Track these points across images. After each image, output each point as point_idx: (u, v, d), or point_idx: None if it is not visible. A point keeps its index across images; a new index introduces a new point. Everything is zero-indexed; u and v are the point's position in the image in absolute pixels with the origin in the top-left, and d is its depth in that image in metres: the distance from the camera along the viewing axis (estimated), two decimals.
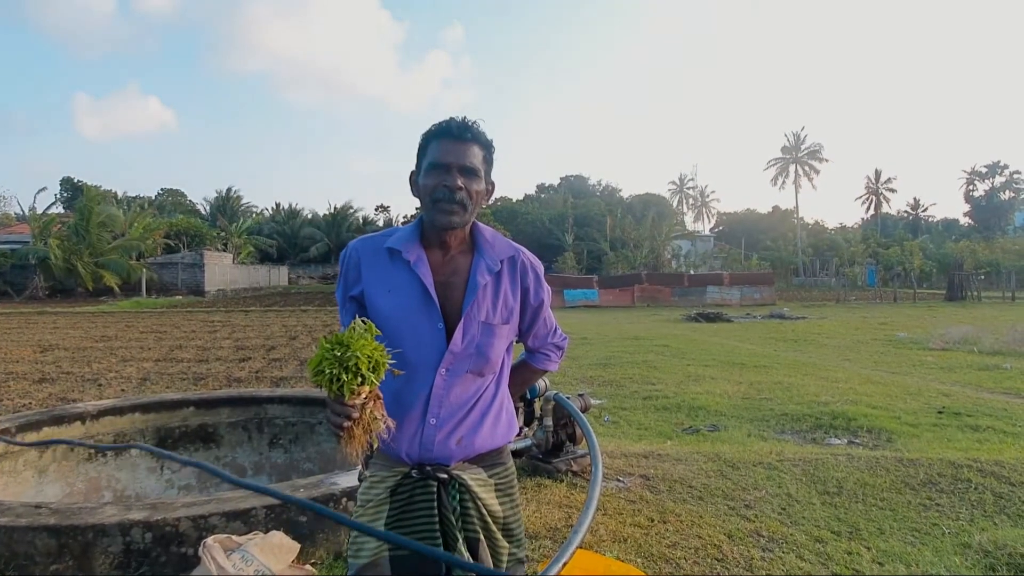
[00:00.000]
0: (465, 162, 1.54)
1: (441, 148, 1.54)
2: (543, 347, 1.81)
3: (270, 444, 5.13)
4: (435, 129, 1.57)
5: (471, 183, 1.55)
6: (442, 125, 1.56)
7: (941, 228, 71.45)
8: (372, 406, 1.34)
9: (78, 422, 4.58)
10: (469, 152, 1.55)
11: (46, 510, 2.89)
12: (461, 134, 1.55)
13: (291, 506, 3.01)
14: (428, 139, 1.58)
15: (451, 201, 1.52)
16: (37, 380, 9.34)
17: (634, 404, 7.76)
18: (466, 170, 1.54)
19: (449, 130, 1.55)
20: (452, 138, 1.55)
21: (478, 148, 1.57)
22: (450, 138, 1.55)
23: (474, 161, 1.55)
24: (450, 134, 1.55)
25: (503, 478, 1.67)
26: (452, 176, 1.52)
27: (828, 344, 14.22)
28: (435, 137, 1.56)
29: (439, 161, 1.53)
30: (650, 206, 59.01)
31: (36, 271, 31.75)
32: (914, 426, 6.43)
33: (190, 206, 63.30)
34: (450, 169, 1.53)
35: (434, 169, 1.54)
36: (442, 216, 1.54)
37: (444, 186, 1.52)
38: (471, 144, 1.55)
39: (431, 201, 1.54)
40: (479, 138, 1.57)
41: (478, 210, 1.59)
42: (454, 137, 1.55)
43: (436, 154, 1.54)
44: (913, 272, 40.68)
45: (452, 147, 1.54)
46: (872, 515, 3.84)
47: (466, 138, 1.55)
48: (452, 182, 1.52)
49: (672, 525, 3.62)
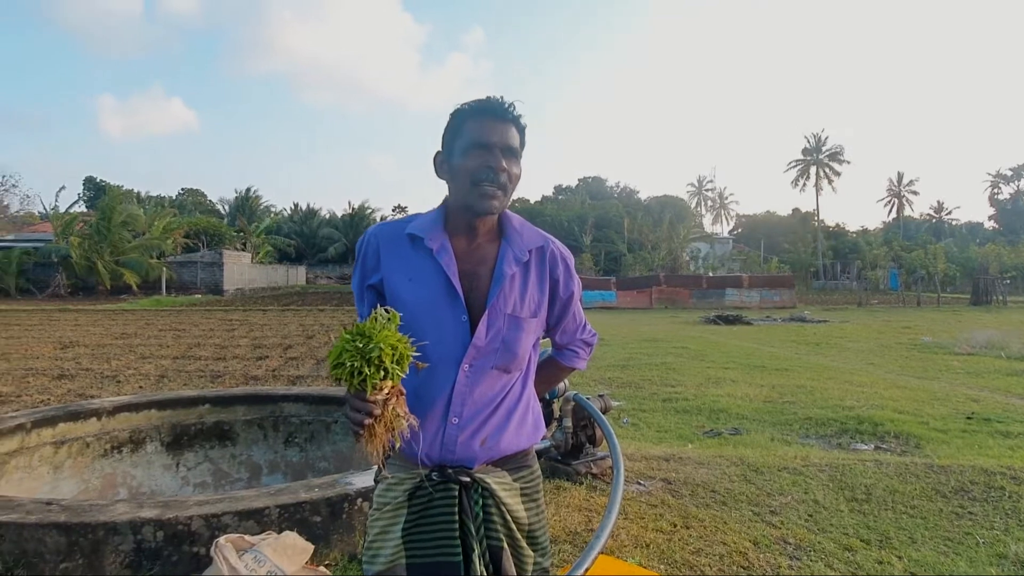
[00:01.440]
0: (508, 142, 1.44)
1: (483, 127, 1.43)
2: (572, 343, 1.71)
3: (285, 442, 5.08)
4: (473, 106, 1.46)
5: (512, 165, 1.45)
6: (480, 102, 1.45)
7: (965, 232, 70.42)
8: (395, 402, 1.24)
9: (93, 418, 4.55)
10: (510, 132, 1.45)
11: (57, 507, 2.84)
12: (503, 113, 1.44)
13: (304, 506, 2.94)
14: (464, 117, 1.46)
15: (494, 183, 1.42)
16: (56, 376, 9.40)
17: (653, 406, 7.64)
18: (508, 151, 1.44)
19: (491, 108, 1.44)
20: (494, 116, 1.44)
21: (516, 130, 1.47)
22: (492, 117, 1.44)
23: (514, 142, 1.45)
24: (492, 112, 1.44)
25: (529, 482, 1.56)
26: (496, 156, 1.42)
27: (851, 348, 13.99)
28: (473, 115, 1.45)
29: (482, 140, 1.42)
30: (668, 208, 58.64)
31: (58, 269, 32.16)
32: (943, 432, 6.26)
33: (210, 206, 63.90)
34: (493, 149, 1.42)
35: (476, 149, 1.42)
36: (483, 200, 1.43)
37: (487, 167, 1.41)
38: (511, 124, 1.45)
39: (471, 183, 1.43)
40: (518, 120, 1.47)
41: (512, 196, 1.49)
42: (496, 115, 1.44)
43: (478, 133, 1.43)
44: (937, 276, 40.05)
45: (495, 126, 1.43)
46: (903, 523, 3.71)
47: (507, 117, 1.45)
48: (497, 163, 1.41)
49: (695, 531, 3.52)
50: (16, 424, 4.11)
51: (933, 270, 41.41)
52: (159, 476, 4.77)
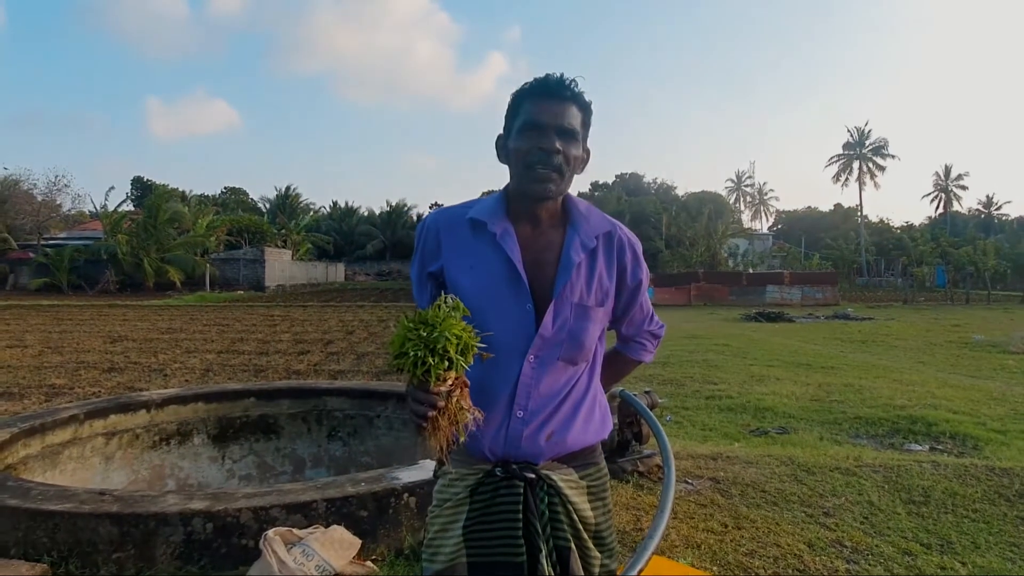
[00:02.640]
0: (563, 122, 1.36)
1: (537, 106, 1.37)
2: (638, 335, 1.63)
3: (329, 436, 5.10)
4: (529, 86, 1.40)
5: (569, 147, 1.37)
6: (538, 81, 1.39)
7: (1017, 227, 68.01)
8: (459, 394, 1.19)
9: (143, 410, 4.62)
10: (567, 112, 1.37)
11: (109, 497, 2.87)
12: (559, 91, 1.37)
13: (351, 500, 2.93)
14: (521, 98, 1.40)
15: (547, 166, 1.35)
16: (107, 369, 9.64)
17: (697, 404, 7.52)
18: (564, 131, 1.36)
19: (547, 86, 1.37)
20: (549, 96, 1.37)
21: (576, 108, 1.38)
22: (547, 96, 1.37)
23: (573, 122, 1.37)
24: (547, 91, 1.37)
25: (596, 480, 1.50)
26: (549, 138, 1.35)
27: (899, 346, 13.61)
28: (529, 95, 1.39)
29: (534, 120, 1.36)
30: (706, 204, 57.75)
31: (107, 266, 33.04)
32: (1002, 433, 6.03)
33: (251, 204, 64.93)
34: (546, 130, 1.35)
35: (528, 130, 1.36)
36: (536, 184, 1.37)
37: (540, 148, 1.35)
38: (569, 104, 1.37)
39: (524, 166, 1.37)
40: (578, 98, 1.39)
41: (573, 179, 1.42)
42: (551, 95, 1.37)
43: (531, 113, 1.37)
44: (987, 272, 38.76)
45: (549, 106, 1.36)
46: (964, 527, 3.56)
47: (564, 96, 1.37)
48: (549, 144, 1.34)
49: (747, 532, 3.42)
50: (70, 415, 4.19)
51: (983, 267, 40.06)
52: (205, 468, 4.83)
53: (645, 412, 3.44)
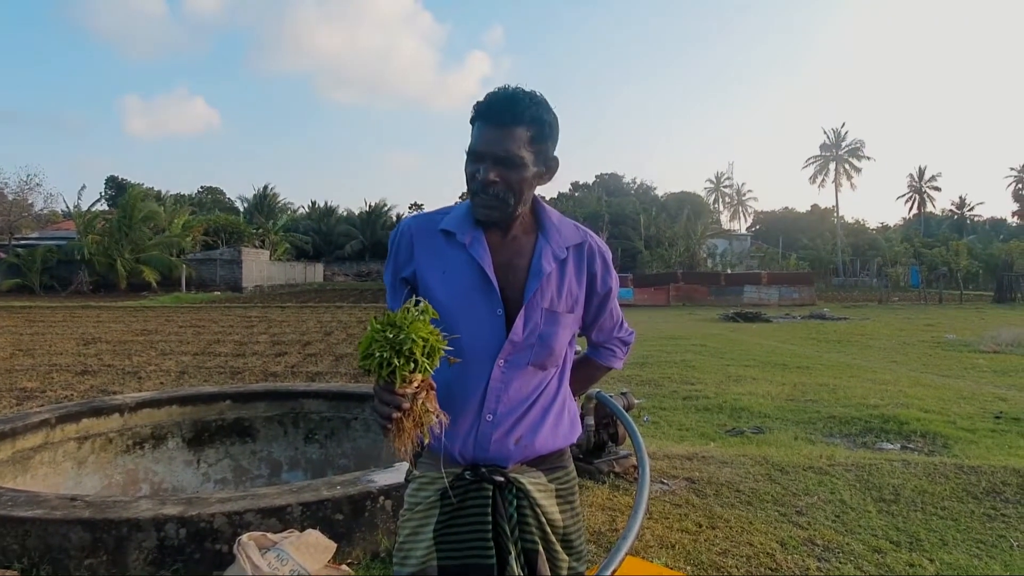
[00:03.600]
0: (499, 151, 1.34)
1: (479, 133, 1.37)
2: (608, 341, 1.65)
3: (305, 439, 5.08)
4: (479, 107, 1.39)
5: (510, 173, 1.35)
6: (483, 104, 1.38)
7: (988, 228, 69.30)
8: (424, 396, 1.21)
9: (116, 414, 4.57)
10: (508, 138, 1.34)
11: (81, 503, 2.84)
12: (499, 118, 1.35)
13: (327, 504, 2.92)
14: (473, 118, 1.40)
15: (485, 194, 1.37)
16: (79, 372, 9.49)
17: (674, 404, 7.58)
18: (501, 160, 1.35)
19: (490, 111, 1.36)
20: (491, 121, 1.35)
21: (522, 129, 1.35)
22: (489, 121, 1.36)
23: (512, 148, 1.34)
24: (490, 116, 1.36)
25: (564, 484, 1.52)
26: (486, 167, 1.35)
27: (873, 346, 13.81)
28: (477, 118, 1.38)
29: (474, 149, 1.37)
30: (685, 204, 58.18)
31: (81, 267, 32.54)
32: (971, 431, 6.15)
33: (228, 203, 64.35)
34: (484, 159, 1.36)
35: (470, 157, 1.38)
36: (480, 210, 1.39)
37: (476, 179, 1.37)
38: (511, 128, 1.34)
39: (470, 192, 1.40)
40: (522, 117, 1.35)
41: (528, 195, 1.42)
42: (494, 120, 1.35)
43: (473, 140, 1.37)
44: (959, 273, 39.45)
45: (488, 133, 1.35)
46: (933, 525, 3.63)
47: (504, 122, 1.34)
48: (484, 175, 1.35)
49: (721, 531, 3.46)
50: (41, 420, 4.13)
51: (955, 267, 40.76)
52: (180, 472, 4.79)
53: (621, 413, 3.47)
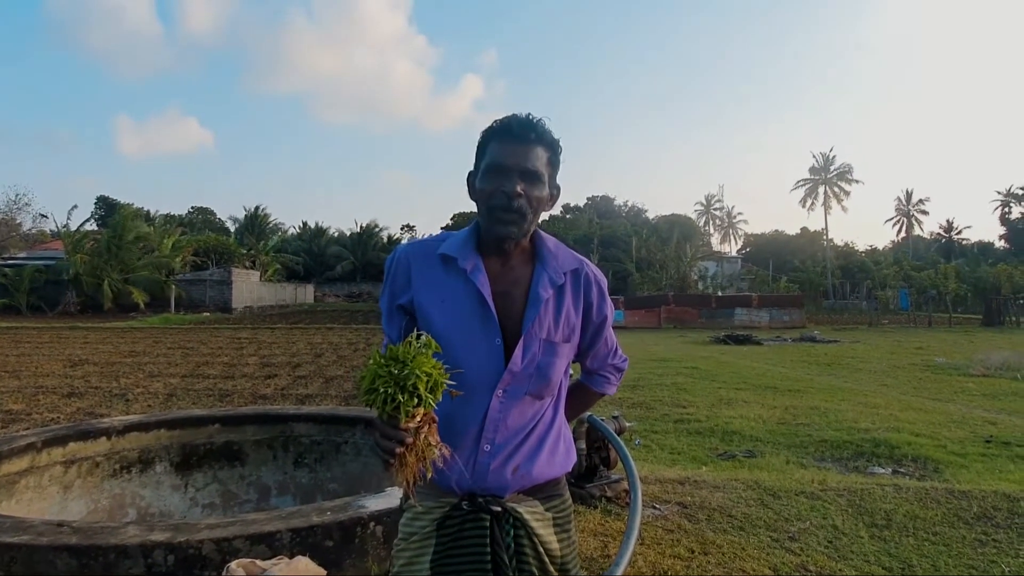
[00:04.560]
0: (527, 165, 1.39)
1: (501, 148, 1.40)
2: (603, 368, 1.66)
3: (295, 463, 5.03)
4: (496, 127, 1.43)
5: (532, 189, 1.40)
6: (503, 123, 1.42)
7: (976, 251, 69.86)
8: (427, 430, 1.20)
9: (103, 437, 4.51)
10: (531, 154, 1.40)
11: (68, 529, 2.80)
12: (524, 134, 1.40)
13: (316, 530, 2.89)
14: (487, 138, 1.44)
15: (508, 209, 1.39)
16: (66, 394, 9.40)
17: (665, 427, 7.57)
18: (527, 174, 1.40)
19: (510, 129, 1.41)
20: (513, 138, 1.40)
21: (542, 149, 1.42)
22: (511, 138, 1.40)
23: (537, 164, 1.41)
24: (512, 133, 1.40)
25: (561, 512, 1.51)
26: (512, 181, 1.38)
27: (863, 368, 13.86)
28: (495, 136, 1.42)
29: (498, 163, 1.40)
30: (676, 227, 58.54)
31: (68, 287, 32.32)
32: (962, 456, 6.17)
33: (219, 224, 64.32)
34: (509, 173, 1.39)
35: (492, 172, 1.40)
36: (499, 227, 1.40)
37: (502, 192, 1.39)
38: (534, 146, 1.41)
39: (488, 208, 1.41)
40: (543, 138, 1.42)
41: (539, 218, 1.46)
42: (516, 137, 1.40)
43: (495, 155, 1.41)
44: (948, 296, 39.74)
45: (513, 148, 1.40)
46: (925, 550, 3.62)
47: (528, 139, 1.40)
48: (511, 188, 1.38)
49: (714, 557, 3.45)
50: (27, 443, 4.08)
51: (944, 290, 41.08)
52: (168, 497, 4.73)
53: (612, 437, 3.47)
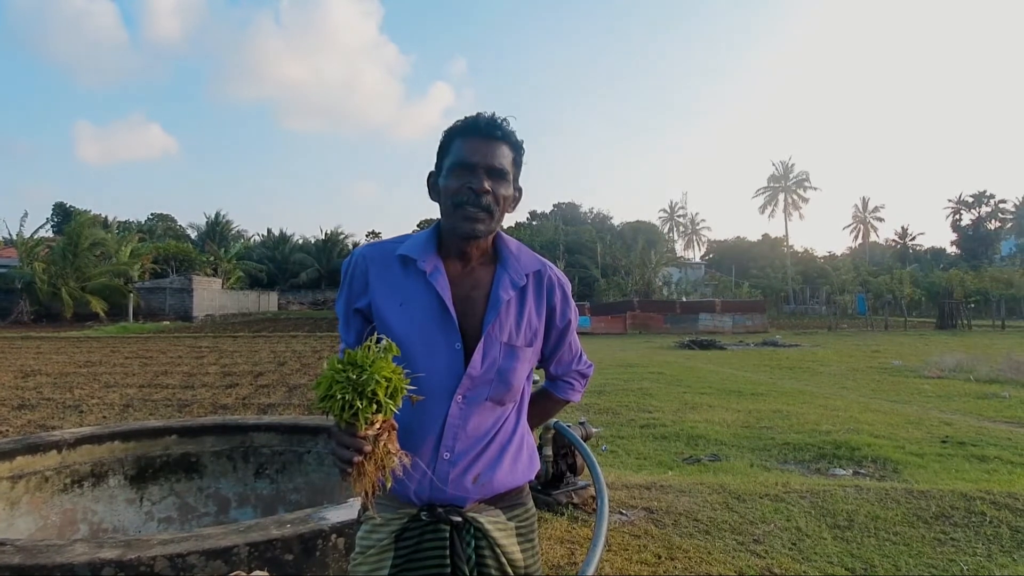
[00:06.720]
0: (493, 162, 1.37)
1: (467, 145, 1.38)
2: (567, 374, 1.62)
3: (256, 474, 4.91)
4: (460, 125, 1.40)
5: (499, 186, 1.38)
6: (469, 120, 1.40)
7: (929, 257, 71.93)
8: (386, 438, 1.15)
9: (54, 451, 4.35)
10: (498, 152, 1.38)
11: (11, 547, 2.67)
12: (490, 131, 1.38)
13: (276, 543, 2.81)
14: (452, 136, 1.41)
15: (476, 206, 1.35)
16: (16, 407, 9.07)
17: (632, 433, 7.58)
18: (494, 171, 1.37)
19: (476, 126, 1.38)
20: (479, 135, 1.38)
21: (508, 148, 1.40)
22: (477, 135, 1.38)
23: (503, 162, 1.39)
24: (477, 130, 1.38)
25: (524, 521, 1.47)
26: (478, 177, 1.36)
27: (823, 372, 14.10)
28: (460, 134, 1.39)
29: (465, 160, 1.37)
30: (641, 233, 59.08)
31: (22, 295, 31.35)
32: (919, 456, 6.28)
33: (180, 231, 62.99)
34: (475, 170, 1.36)
35: (458, 169, 1.37)
36: (465, 223, 1.37)
37: (469, 188, 1.35)
38: (500, 143, 1.39)
39: (453, 205, 1.37)
40: (509, 137, 1.40)
41: (503, 218, 1.42)
42: (482, 135, 1.38)
43: (461, 152, 1.38)
44: (903, 300, 40.79)
45: (479, 145, 1.37)
46: (886, 550, 3.67)
47: (495, 136, 1.38)
48: (478, 184, 1.35)
49: (680, 562, 3.44)
50: None
51: (899, 295, 42.15)
52: (122, 511, 4.57)
53: (579, 443, 3.44)
